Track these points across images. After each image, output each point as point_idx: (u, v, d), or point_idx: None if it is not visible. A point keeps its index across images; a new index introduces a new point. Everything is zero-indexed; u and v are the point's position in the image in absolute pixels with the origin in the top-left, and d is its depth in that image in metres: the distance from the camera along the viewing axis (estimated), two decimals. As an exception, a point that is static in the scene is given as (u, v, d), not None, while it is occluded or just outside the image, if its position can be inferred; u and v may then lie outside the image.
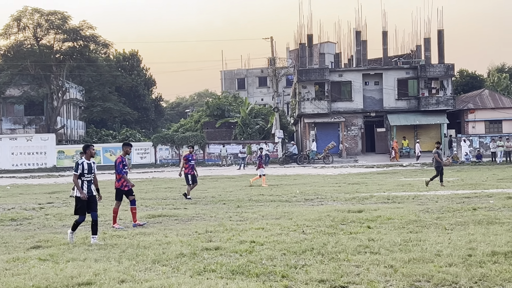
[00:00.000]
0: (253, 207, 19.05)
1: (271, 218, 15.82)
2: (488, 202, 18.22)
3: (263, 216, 16.22)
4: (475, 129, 56.22)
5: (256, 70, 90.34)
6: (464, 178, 30.87)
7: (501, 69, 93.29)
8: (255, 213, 17.12)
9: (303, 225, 14.06)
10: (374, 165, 46.59)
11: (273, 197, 22.30)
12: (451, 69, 55.56)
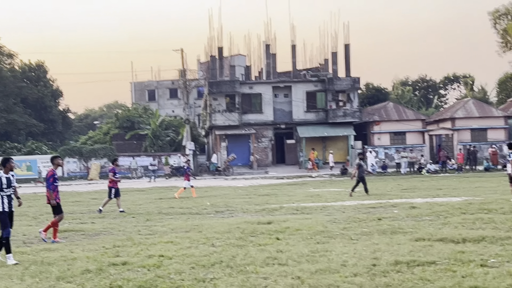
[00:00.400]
0: (163, 220, 18.88)
1: (180, 231, 15.72)
2: (393, 212, 18.76)
3: (172, 229, 16.09)
4: (380, 140, 57.86)
5: (167, 82, 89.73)
6: (370, 188, 31.59)
7: (405, 82, 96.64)
8: (164, 226, 16.97)
9: (212, 238, 14.04)
10: (284, 176, 47.14)
11: (183, 209, 22.18)
12: (357, 82, 57.08)
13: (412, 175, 45.39)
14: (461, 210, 18.24)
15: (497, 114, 59.38)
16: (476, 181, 35.75)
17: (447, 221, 15.76)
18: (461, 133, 57.77)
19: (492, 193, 25.13)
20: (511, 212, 17.45)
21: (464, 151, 51.60)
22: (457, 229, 14.14)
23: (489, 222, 15.19)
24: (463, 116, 58.44)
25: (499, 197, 22.69)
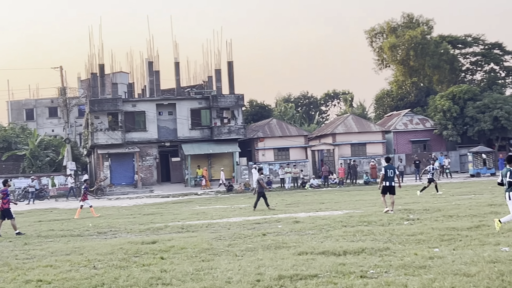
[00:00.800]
0: (42, 243, 18.14)
1: (60, 254, 15.15)
2: (277, 227, 18.97)
3: (52, 253, 15.49)
4: (265, 156, 58.63)
5: (46, 101, 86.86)
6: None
7: (288, 99, 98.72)
8: (43, 249, 16.30)
9: (94, 260, 13.62)
10: (170, 195, 46.70)
11: (64, 232, 21.43)
12: (241, 99, 57.66)
13: (296, 190, 46.23)
14: (342, 223, 18.72)
15: (375, 129, 61.74)
16: (356, 194, 36.92)
17: (329, 234, 16.12)
18: (342, 148, 59.62)
19: (371, 206, 26.00)
20: (389, 224, 18.11)
21: (345, 166, 53.20)
22: (339, 242, 14.48)
23: (368, 234, 15.68)
24: (343, 132, 60.36)
25: (378, 209, 23.50)
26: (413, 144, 62.70)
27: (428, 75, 74.84)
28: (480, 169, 51.64)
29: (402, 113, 65.89)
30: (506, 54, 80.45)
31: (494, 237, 14.04)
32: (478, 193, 31.23)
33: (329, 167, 53.66)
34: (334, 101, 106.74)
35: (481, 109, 58.87)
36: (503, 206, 21.75)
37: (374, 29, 75.52)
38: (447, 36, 77.54)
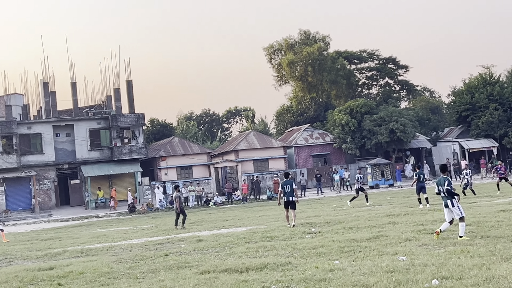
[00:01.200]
0: None
1: (-51, 287, 14.29)
2: (180, 246, 18.71)
3: None
4: (167, 175, 58.03)
5: None
6: (158, 224, 31.50)
7: (190, 117, 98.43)
8: None
9: (-14, 291, 12.94)
10: (69, 218, 45.31)
11: (-46, 262, 20.28)
12: (141, 118, 56.90)
13: (200, 208, 45.98)
14: (245, 240, 18.69)
15: (277, 144, 62.42)
16: (260, 210, 37.08)
17: (232, 252, 16.04)
18: (245, 164, 59.90)
19: (274, 221, 26.16)
20: (291, 238, 18.23)
21: (248, 182, 53.42)
22: (241, 259, 14.41)
23: (271, 249, 15.71)
24: (245, 148, 60.67)
25: (281, 224, 23.64)
26: (314, 158, 63.82)
27: (326, 90, 76.58)
28: (378, 181, 53.12)
29: (302, 128, 67.00)
30: (400, 69, 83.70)
31: (392, 247, 14.37)
32: (377, 204, 32.04)
33: (232, 184, 53.75)
34: (236, 118, 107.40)
35: (377, 122, 60.66)
36: (401, 216, 22.42)
37: (272, 46, 76.65)
38: (343, 52, 79.80)
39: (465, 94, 64.46)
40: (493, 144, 61.19)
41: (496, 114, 60.71)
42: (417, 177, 28.07)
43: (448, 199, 15.47)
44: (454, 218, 15.51)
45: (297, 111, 75.08)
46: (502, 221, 17.44)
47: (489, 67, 69.27)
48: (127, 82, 58.02)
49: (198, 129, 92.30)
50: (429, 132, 70.03)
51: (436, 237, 15.02)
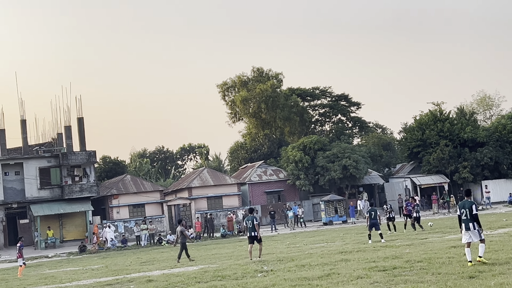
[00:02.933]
0: None
1: None
2: (129, 287, 18.26)
3: None
4: (119, 214, 57.09)
5: None
6: (109, 264, 30.82)
7: (143, 154, 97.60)
8: None
9: None
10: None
11: None
12: (93, 156, 56.09)
13: (153, 247, 45.24)
14: (196, 279, 18.37)
15: (231, 181, 62.19)
16: (213, 248, 36.67)
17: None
18: (198, 201, 59.42)
19: (227, 259, 25.83)
20: (243, 277, 17.98)
21: (201, 219, 52.93)
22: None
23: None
24: (199, 185, 60.25)
25: (233, 262, 23.36)
26: (268, 195, 63.72)
27: (280, 127, 76.97)
28: (332, 217, 53.21)
29: (256, 164, 66.98)
30: (352, 105, 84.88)
31: (344, 285, 14.25)
32: (330, 241, 32.02)
33: (185, 222, 53.13)
34: (190, 155, 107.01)
35: (330, 158, 61.05)
36: (353, 253, 22.37)
37: (226, 83, 76.91)
38: (296, 89, 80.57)
39: (416, 130, 65.51)
40: (444, 180, 62.08)
41: (447, 150, 61.74)
42: (369, 214, 28.59)
43: (470, 222, 16.03)
44: (472, 241, 16.02)
45: (251, 147, 75.12)
46: (453, 257, 17.50)
47: (439, 104, 70.83)
48: (78, 119, 57.21)
49: (152, 166, 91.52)
50: (382, 169, 70.77)
51: (471, 265, 15.37)
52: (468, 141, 62.69)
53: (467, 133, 62.64)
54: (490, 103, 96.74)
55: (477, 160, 61.37)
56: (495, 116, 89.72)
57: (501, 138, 63.30)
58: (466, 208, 16.21)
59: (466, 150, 62.50)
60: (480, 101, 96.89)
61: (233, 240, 44.43)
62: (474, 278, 13.41)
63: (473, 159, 61.50)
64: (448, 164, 61.95)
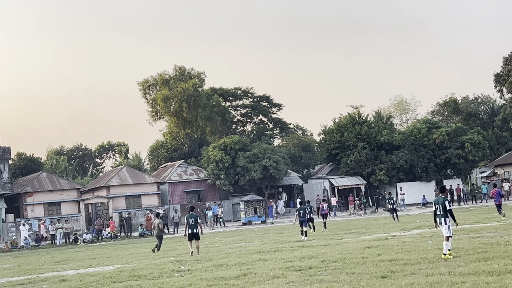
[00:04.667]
0: None
1: None
2: (42, 287, 17.79)
3: None
4: (34, 212, 55.48)
5: None
6: (22, 263, 29.93)
7: (60, 152, 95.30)
8: None
9: None
10: None
11: None
12: (7, 152, 54.37)
13: (68, 246, 44.26)
14: (111, 279, 18.06)
15: (150, 180, 61.50)
16: (130, 247, 36.23)
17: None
18: (116, 200, 58.47)
19: (144, 259, 25.54)
20: (160, 277, 17.82)
21: (117, 218, 52.10)
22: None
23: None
24: (117, 184, 59.31)
25: (150, 262, 23.12)
26: (188, 195, 63.37)
27: (201, 126, 76.77)
28: (251, 217, 53.47)
29: (177, 164, 66.51)
30: (273, 107, 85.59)
31: (260, 285, 14.30)
32: (249, 240, 32.16)
33: (103, 221, 52.20)
34: (110, 153, 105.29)
35: (251, 159, 61.29)
36: (271, 253, 22.51)
37: (147, 81, 76.01)
38: (218, 89, 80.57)
39: (334, 133, 66.61)
40: (361, 182, 63.40)
41: (364, 153, 63.07)
42: (298, 213, 30.72)
43: (443, 217, 16.70)
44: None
45: (172, 146, 74.48)
46: (367, 258, 17.85)
47: (358, 107, 72.29)
48: (-8, 114, 55.38)
49: (69, 164, 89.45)
50: (301, 169, 71.62)
51: (446, 258, 15.94)
52: (385, 144, 64.22)
53: (384, 136, 64.19)
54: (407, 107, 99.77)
55: (393, 163, 62.96)
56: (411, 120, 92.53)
57: (416, 141, 65.21)
58: (439, 204, 16.98)
59: (382, 152, 64.01)
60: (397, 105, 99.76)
61: (151, 239, 43.91)
62: (387, 278, 13.71)
63: (389, 162, 63.06)
64: (365, 166, 63.30)
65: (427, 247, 19.47)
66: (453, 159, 64.47)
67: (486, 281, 11.37)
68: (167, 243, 36.56)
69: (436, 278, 12.63)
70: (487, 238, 21.09)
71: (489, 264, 13.90)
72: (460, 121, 77.26)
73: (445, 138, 64.50)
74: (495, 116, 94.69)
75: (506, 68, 70.82)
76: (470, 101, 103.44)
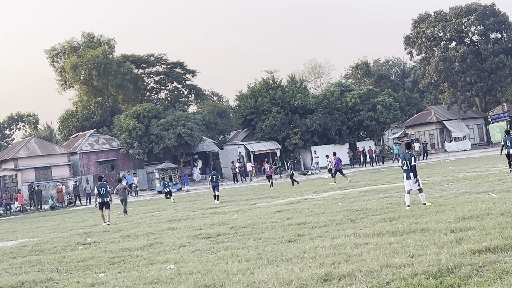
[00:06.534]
0: None
1: None
2: None
3: None
4: None
5: None
6: None
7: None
8: None
9: None
10: None
11: None
12: None
13: (-26, 222, 42.43)
14: (12, 255, 17.19)
15: (60, 151, 59.67)
16: (39, 221, 34.94)
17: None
18: (25, 172, 56.49)
19: (50, 232, 24.61)
20: (63, 250, 17.14)
21: (25, 191, 50.34)
22: (1, 277, 13.04)
23: (36, 265, 14.52)
24: (26, 156, 57.25)
25: (57, 235, 22.28)
26: (101, 165, 61.91)
27: (113, 94, 74.87)
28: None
29: (88, 133, 64.70)
30: (188, 73, 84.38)
31: (165, 255, 13.86)
32: (162, 209, 31.59)
33: (11, 194, 50.33)
34: (19, 124, 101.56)
35: (165, 126, 60.30)
36: (181, 221, 22.07)
37: (54, 48, 73.12)
38: (130, 56, 78.58)
39: (249, 98, 66.37)
40: (276, 146, 63.65)
41: (279, 117, 63.18)
42: (211, 178, 31.90)
43: (411, 172, 17.33)
44: (412, 189, 17.37)
45: (82, 116, 72.33)
46: (276, 222, 17.66)
47: (272, 72, 72.13)
48: None
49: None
50: (216, 136, 71.19)
51: (408, 209, 16.59)
52: (299, 108, 64.51)
53: (298, 100, 64.43)
54: (321, 71, 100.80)
55: (307, 127, 63.41)
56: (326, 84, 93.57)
57: (329, 105, 65.86)
58: (406, 159, 17.56)
59: (297, 117, 64.33)
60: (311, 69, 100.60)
61: (62, 211, 42.73)
62: (293, 242, 13.51)
63: (303, 126, 63.47)
64: (280, 131, 63.51)
65: (336, 209, 19.47)
66: (366, 121, 65.59)
67: (389, 241, 11.29)
68: (78, 215, 35.56)
69: (341, 240, 12.50)
70: (395, 198, 21.31)
71: (394, 224, 13.91)
72: (371, 84, 78.49)
73: (357, 100, 65.43)
74: (405, 78, 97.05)
75: (415, 30, 72.21)
76: (381, 64, 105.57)
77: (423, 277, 8.11)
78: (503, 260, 8.62)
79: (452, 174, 31.30)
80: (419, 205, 17.32)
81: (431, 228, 12.42)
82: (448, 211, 15.10)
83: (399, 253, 10.04)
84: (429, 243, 10.60)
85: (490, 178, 24.73)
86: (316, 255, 10.92)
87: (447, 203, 17.11)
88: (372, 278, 8.48)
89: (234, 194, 37.90)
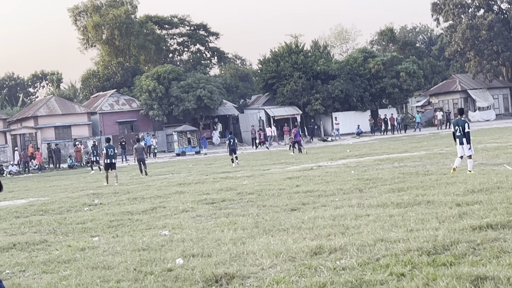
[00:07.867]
0: None
1: None
2: None
3: None
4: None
5: None
6: None
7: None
8: None
9: None
10: None
11: None
12: None
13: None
14: (16, 214, 17.06)
15: (80, 110, 59.75)
16: (55, 180, 35.02)
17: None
18: (45, 131, 56.68)
19: (62, 192, 24.51)
20: (67, 211, 17.00)
21: (44, 150, 50.55)
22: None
23: (35, 225, 14.34)
24: (45, 114, 57.37)
25: (67, 195, 22.19)
26: (120, 125, 61.90)
27: (134, 55, 74.52)
28: (185, 148, 52.70)
29: (108, 93, 64.59)
30: (211, 35, 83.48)
31: (165, 220, 13.59)
32: (176, 172, 31.44)
33: (32, 152, 50.60)
34: (43, 82, 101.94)
35: (185, 88, 59.95)
36: (192, 185, 21.82)
37: (77, 7, 72.73)
38: (153, 17, 77.86)
39: (271, 62, 65.57)
40: (297, 112, 63.02)
41: (300, 83, 62.41)
42: (228, 142, 33.29)
43: (464, 137, 17.45)
44: (464, 155, 17.55)
45: (104, 76, 72.17)
46: (284, 189, 17.30)
47: (296, 37, 71.05)
48: None
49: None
50: (237, 100, 70.69)
51: (453, 173, 17.08)
52: (321, 74, 63.65)
53: (320, 65, 63.52)
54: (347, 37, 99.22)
55: (329, 93, 62.63)
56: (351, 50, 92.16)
57: (352, 71, 64.88)
58: (459, 125, 17.63)
59: (318, 82, 63.52)
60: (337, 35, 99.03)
61: (80, 171, 42.82)
62: (295, 210, 13.15)
63: (325, 92, 62.68)
64: (301, 96, 62.78)
65: (347, 177, 19.05)
66: (388, 89, 64.60)
67: (390, 214, 10.87)
68: (94, 176, 35.56)
69: (343, 210, 12.11)
70: (409, 167, 20.84)
71: (400, 195, 13.47)
72: (396, 50, 77.12)
73: (381, 67, 64.34)
74: (432, 46, 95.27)
75: (442, -4, 70.58)
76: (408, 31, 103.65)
77: (416, 254, 7.70)
78: (503, 238, 8.17)
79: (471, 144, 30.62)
80: (465, 171, 17.23)
81: (437, 201, 11.98)
82: (459, 183, 14.64)
83: (398, 227, 9.62)
84: (431, 217, 10.17)
85: (509, 150, 24.12)
86: (313, 226, 10.55)
87: (460, 175, 16.61)
88: (363, 253, 8.09)
89: (251, 158, 37.59)
